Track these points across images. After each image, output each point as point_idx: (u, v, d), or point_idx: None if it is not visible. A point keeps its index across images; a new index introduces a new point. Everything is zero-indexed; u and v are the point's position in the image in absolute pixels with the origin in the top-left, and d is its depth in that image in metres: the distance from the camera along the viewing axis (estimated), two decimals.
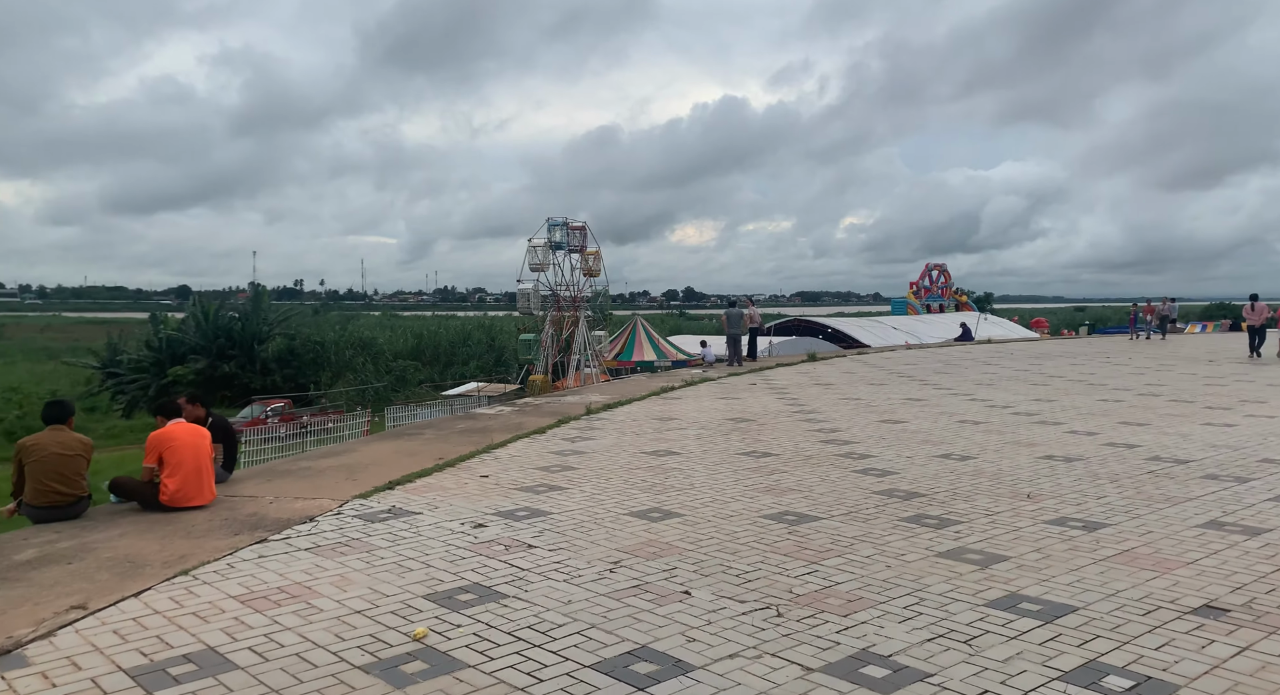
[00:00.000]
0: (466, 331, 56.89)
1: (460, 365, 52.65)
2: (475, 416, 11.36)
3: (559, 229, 41.69)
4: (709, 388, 15.26)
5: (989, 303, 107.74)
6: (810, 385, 15.62)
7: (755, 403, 12.95)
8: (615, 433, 10.01)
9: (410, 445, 9.15)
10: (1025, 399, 13.12)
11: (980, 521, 5.87)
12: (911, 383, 15.91)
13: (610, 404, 12.57)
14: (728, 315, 20.59)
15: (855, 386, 15.30)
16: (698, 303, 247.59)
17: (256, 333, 48.26)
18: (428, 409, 33.57)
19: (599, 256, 43.06)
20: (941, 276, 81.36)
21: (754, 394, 14.17)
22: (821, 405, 12.53)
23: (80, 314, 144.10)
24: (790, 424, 10.63)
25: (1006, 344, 31.43)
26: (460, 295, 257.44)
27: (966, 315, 69.68)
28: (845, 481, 7.21)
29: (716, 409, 12.20)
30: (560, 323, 43.00)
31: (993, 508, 6.26)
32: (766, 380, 16.70)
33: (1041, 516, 5.96)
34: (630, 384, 16.39)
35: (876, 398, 13.49)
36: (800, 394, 14.13)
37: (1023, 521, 5.86)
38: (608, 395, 14.13)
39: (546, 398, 13.69)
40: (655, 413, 11.85)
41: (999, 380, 16.23)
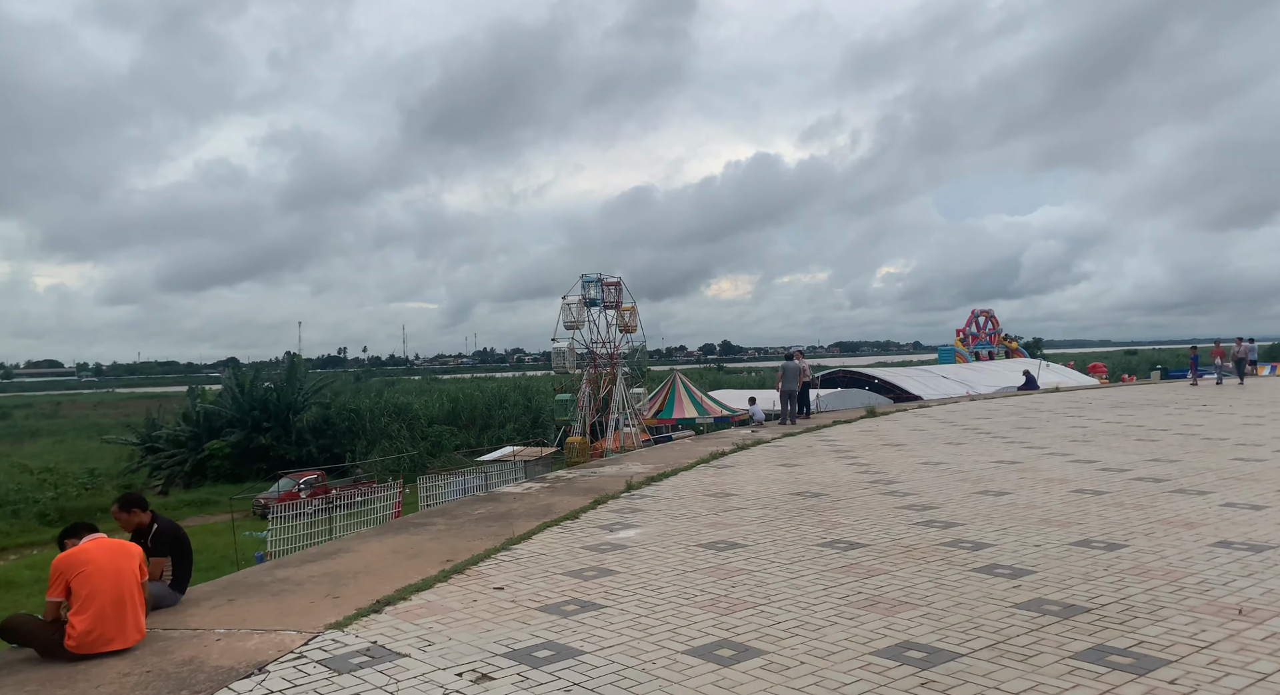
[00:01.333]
0: (502, 393, 55.80)
1: (497, 428, 51.39)
2: (498, 497, 9.80)
3: (593, 285, 40.66)
4: (765, 452, 13.55)
5: (1039, 348, 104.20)
6: (879, 446, 13.83)
7: (822, 470, 11.21)
8: (662, 516, 8.36)
9: (416, 541, 7.61)
10: (1139, 459, 11.19)
11: (1198, 662, 4.10)
12: (993, 440, 14.02)
13: (654, 476, 10.94)
14: (784, 370, 18.94)
15: (931, 447, 13.47)
16: (735, 356, 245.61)
17: (291, 403, 47.65)
18: (460, 478, 32.15)
19: (635, 312, 41.85)
20: (989, 323, 78.78)
21: (818, 459, 12.43)
22: (900, 472, 10.75)
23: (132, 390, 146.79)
24: (870, 498, 8.89)
25: (1076, 392, 29.14)
26: (499, 357, 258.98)
27: (1026, 362, 66.91)
28: (970, 587, 5.47)
29: (778, 479, 10.50)
30: (597, 381, 41.60)
31: (1198, 632, 4.48)
32: (827, 441, 14.94)
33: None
34: (675, 449, 14.75)
35: (961, 460, 11.66)
36: (871, 458, 12.35)
37: (1259, 658, 4.08)
38: (651, 464, 12.51)
39: (581, 470, 12.11)
40: (707, 486, 10.18)
41: (1094, 435, 14.25)
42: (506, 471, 34.86)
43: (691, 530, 7.61)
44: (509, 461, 35.33)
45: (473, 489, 32.60)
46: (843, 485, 9.87)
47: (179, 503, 39.72)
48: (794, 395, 18.94)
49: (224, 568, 28.55)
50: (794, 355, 19.90)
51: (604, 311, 40.93)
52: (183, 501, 39.92)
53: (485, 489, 33.23)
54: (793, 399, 18.95)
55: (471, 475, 33.01)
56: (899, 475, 10.47)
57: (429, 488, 31.34)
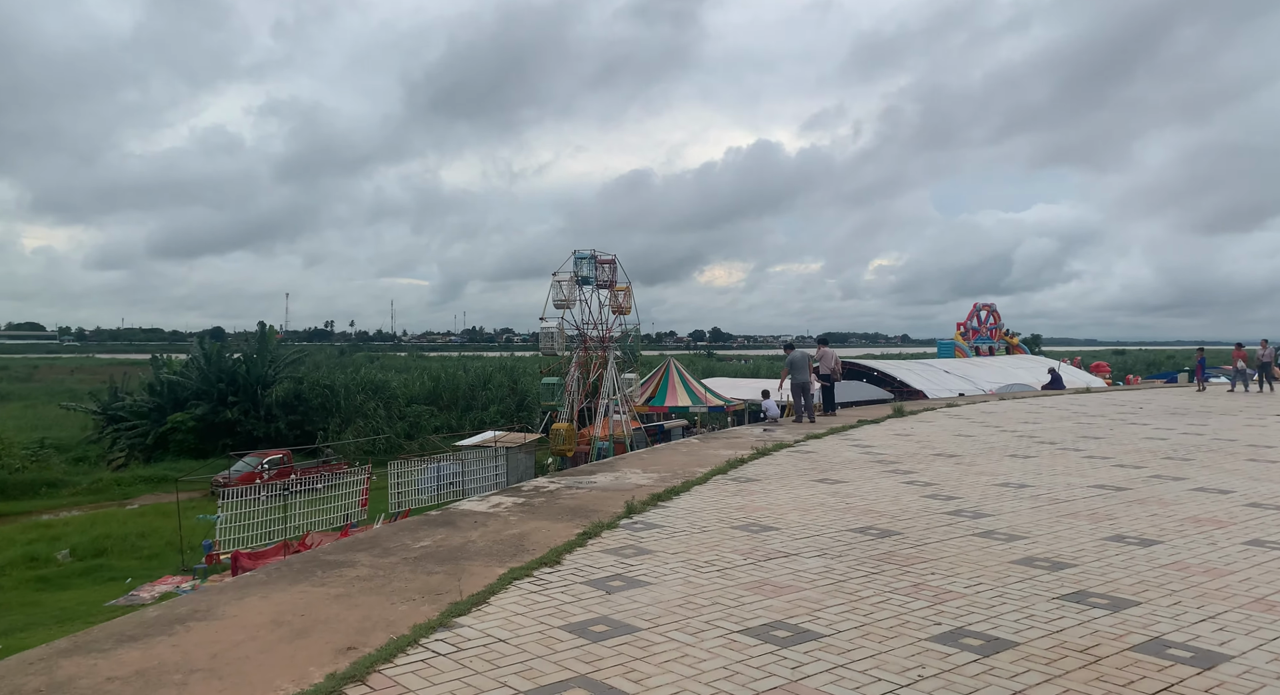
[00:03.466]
0: (487, 374, 53.15)
1: (480, 410, 48.83)
2: (454, 521, 7.28)
3: (586, 262, 37.97)
4: (792, 460, 11.06)
5: (1038, 344, 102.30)
6: (929, 456, 11.38)
7: (874, 491, 8.75)
8: (680, 564, 5.87)
9: (315, 600, 5.08)
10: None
11: None
12: (1066, 454, 11.60)
13: (661, 492, 8.44)
14: (791, 362, 16.53)
15: (995, 460, 11.03)
16: (725, 343, 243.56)
17: (261, 376, 44.89)
18: (434, 464, 29.61)
19: (629, 292, 39.21)
20: (990, 317, 76.75)
21: (862, 473, 9.96)
22: (979, 498, 8.29)
23: (113, 356, 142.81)
24: (964, 543, 6.43)
25: (1110, 394, 26.83)
26: (488, 336, 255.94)
27: (1027, 359, 64.73)
28: None
29: (825, 504, 8.03)
30: (587, 364, 39.04)
31: None
32: (862, 447, 12.48)
33: None
34: (680, 452, 12.24)
35: (1045, 481, 9.23)
36: (928, 473, 9.90)
37: None
38: (654, 472, 10.02)
39: (566, 479, 9.58)
40: (733, 510, 7.70)
41: (1186, 451, 11.84)
42: (486, 459, 32.36)
43: (728, 596, 5.12)
44: (489, 447, 32.84)
45: (447, 477, 30.12)
46: (913, 517, 7.40)
47: (135, 478, 37.03)
48: (806, 389, 16.56)
49: (168, 556, 25.98)
50: (810, 343, 17.51)
51: (596, 291, 38.33)
52: (139, 477, 37.24)
53: (460, 480, 30.83)
54: (805, 393, 16.57)
55: (447, 462, 30.50)
56: (981, 503, 8.01)
57: (400, 474, 28.82)
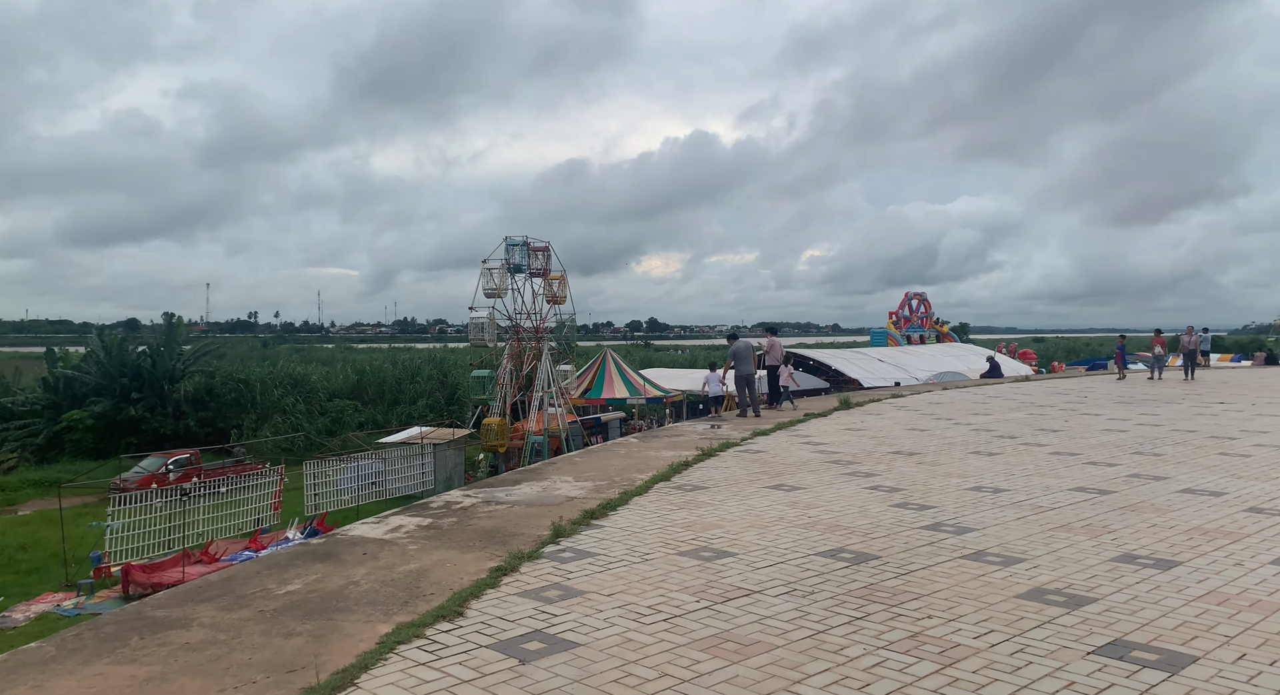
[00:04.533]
0: (416, 366, 50.95)
1: (407, 405, 46.72)
2: (336, 554, 5.91)
3: (518, 250, 36.34)
4: (742, 462, 9.97)
5: (965, 332, 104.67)
6: (884, 453, 10.45)
7: (837, 498, 7.71)
8: (618, 612, 4.67)
9: (122, 687, 3.70)
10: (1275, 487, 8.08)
11: None
12: (1029, 450, 10.82)
13: (594, 508, 7.22)
14: (735, 353, 15.52)
15: (955, 457, 10.15)
16: (661, 333, 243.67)
17: (169, 370, 41.90)
18: (354, 463, 27.76)
19: (565, 281, 37.74)
20: (921, 306, 77.73)
21: (819, 477, 8.93)
22: (953, 506, 7.33)
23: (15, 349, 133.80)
24: (955, 570, 5.40)
25: (1048, 382, 26.70)
26: (420, 327, 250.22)
27: (958, 347, 65.72)
28: None
29: (781, 516, 6.94)
30: (520, 356, 37.49)
31: None
32: (814, 444, 11.49)
33: None
34: (618, 454, 11.03)
35: (1020, 484, 8.35)
36: (889, 474, 8.93)
37: None
38: (588, 480, 8.80)
39: (483, 492, 8.26)
40: (680, 530, 6.54)
41: (1153, 444, 11.19)
42: (411, 457, 30.59)
43: (680, 663, 3.93)
44: (415, 444, 31.07)
45: (368, 477, 28.29)
46: (888, 533, 6.36)
47: (22, 482, 33.93)
48: (751, 381, 15.56)
49: (52, 570, 23.50)
50: (748, 334, 16.50)
51: (529, 280, 36.80)
52: (28, 481, 34.14)
53: (383, 480, 29.02)
54: (750, 386, 15.57)
55: (368, 461, 28.64)
56: (959, 514, 7.03)
57: (316, 475, 26.88)
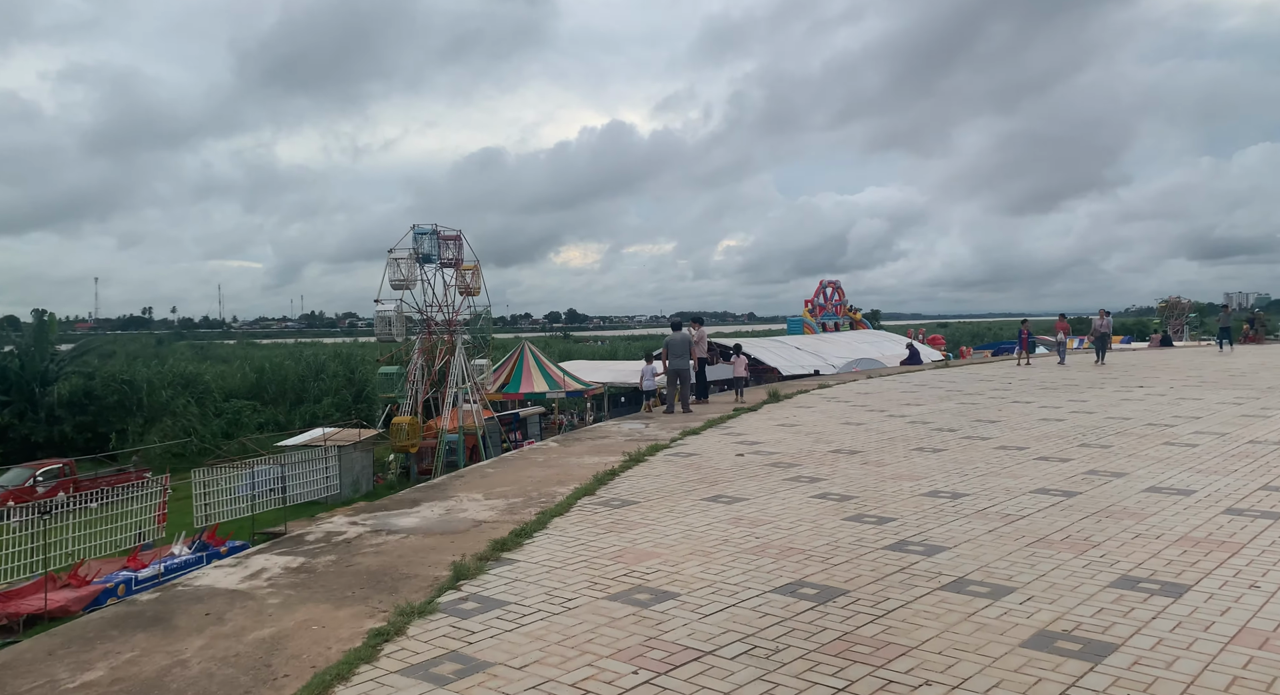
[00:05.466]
0: (320, 362, 48.28)
1: (312, 403, 44.17)
2: (170, 616, 4.61)
3: (428, 238, 34.47)
4: (672, 467, 8.98)
5: (878, 320, 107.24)
6: (824, 452, 9.66)
7: (783, 510, 6.80)
8: (538, 693, 3.59)
9: None
10: (1247, 484, 7.59)
11: None
12: (974, 445, 10.21)
13: (506, 536, 6.09)
14: (669, 343, 14.59)
15: (899, 455, 9.43)
16: (581, 324, 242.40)
17: (40, 372, 38.26)
18: (249, 469, 25.64)
19: (478, 271, 36.01)
20: (836, 294, 78.96)
21: (761, 482, 8.02)
22: (915, 517, 6.52)
23: None
24: (937, 605, 4.52)
25: (966, 368, 26.80)
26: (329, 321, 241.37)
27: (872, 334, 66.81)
28: None
29: (725, 538, 5.97)
30: (432, 350, 35.68)
31: None
32: (746, 441, 10.61)
33: None
34: (537, 462, 9.89)
35: (978, 486, 7.64)
36: (835, 478, 8.10)
37: None
38: (502, 493, 7.65)
39: (373, 518, 7.01)
40: (609, 563, 5.49)
41: (1098, 435, 10.76)
42: (314, 460, 28.56)
43: None
44: (319, 447, 29.03)
45: (266, 484, 26.20)
46: (851, 557, 5.47)
47: None
48: (686, 375, 14.65)
49: None
50: (684, 324, 15.53)
51: (440, 270, 34.99)
52: None
53: (282, 487, 26.95)
54: (684, 379, 14.66)
55: (265, 466, 26.51)
56: (923, 527, 6.21)
57: (207, 483, 24.66)
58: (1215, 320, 33.24)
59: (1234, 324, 31.20)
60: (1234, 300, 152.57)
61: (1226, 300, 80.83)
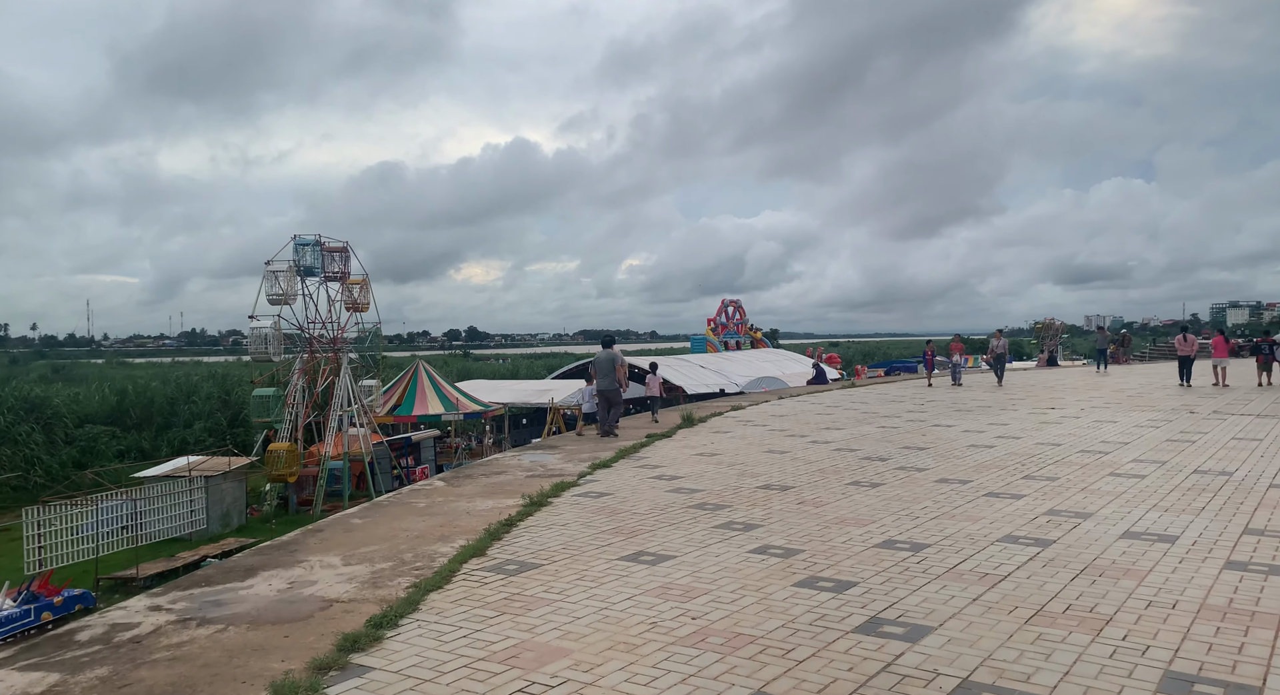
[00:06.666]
0: (192, 384, 44.35)
1: (181, 429, 40.37)
2: None
3: (310, 250, 31.89)
4: (581, 512, 7.58)
5: (776, 339, 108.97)
6: (752, 488, 8.49)
7: (719, 572, 5.53)
8: None
9: None
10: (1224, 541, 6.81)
11: None
12: (914, 478, 9.27)
13: (362, 630, 4.57)
14: (597, 362, 13.43)
15: (835, 491, 8.36)
16: (481, 342, 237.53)
17: None
18: (92, 506, 22.56)
19: (367, 285, 33.58)
20: (737, 313, 79.54)
21: (688, 532, 6.73)
22: (880, 581, 5.37)
23: None
24: None
25: (872, 388, 26.51)
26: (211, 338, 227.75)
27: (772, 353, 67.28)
28: None
29: (654, 621, 4.64)
30: (314, 371, 32.98)
31: None
32: (665, 476, 9.33)
33: None
34: (416, 510, 8.29)
35: (930, 532, 6.60)
36: (772, 524, 6.91)
37: None
38: (367, 555, 6.08)
39: (189, 596, 5.34)
40: (500, 665, 4.06)
41: (1039, 464, 10.04)
42: (177, 493, 25.55)
43: None
44: (181, 477, 26.03)
45: (115, 521, 23.13)
46: (816, 647, 4.22)
47: None
48: (616, 398, 13.52)
49: None
50: (614, 340, 14.33)
51: (325, 284, 32.45)
52: None
53: (137, 524, 23.93)
54: (612, 400, 13.51)
55: (116, 501, 23.42)
56: (892, 595, 5.06)
57: (44, 523, 21.49)
58: (1094, 342, 34.86)
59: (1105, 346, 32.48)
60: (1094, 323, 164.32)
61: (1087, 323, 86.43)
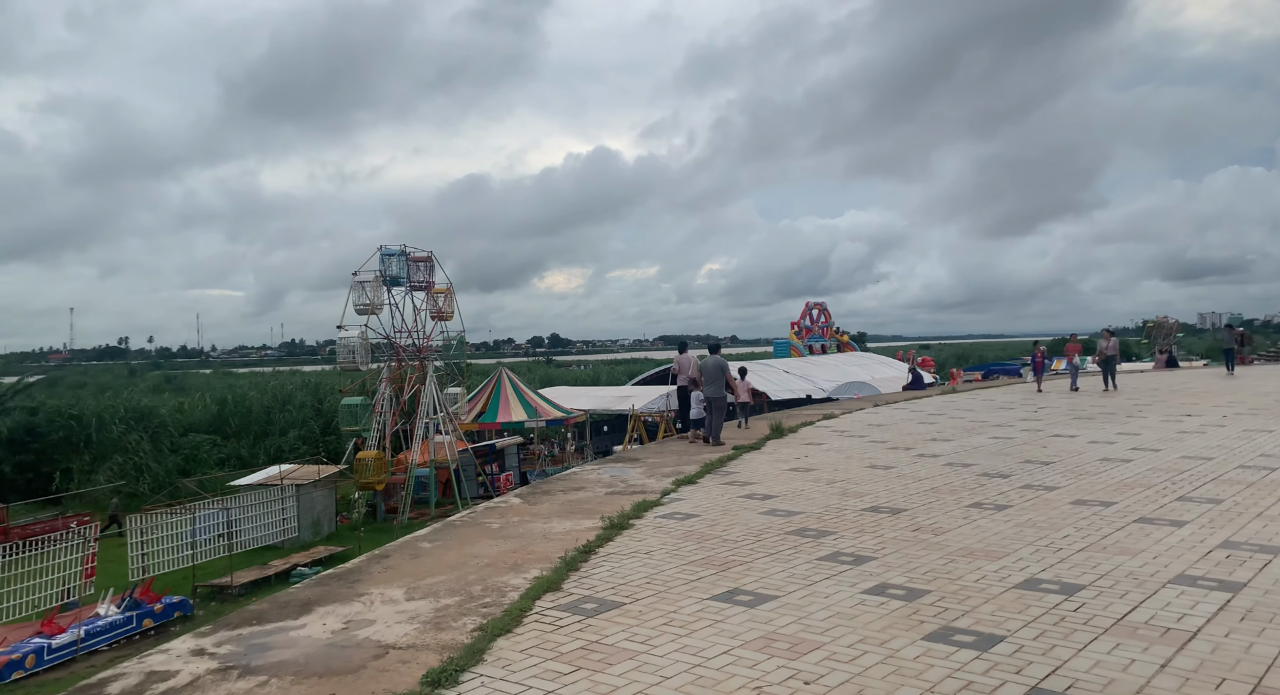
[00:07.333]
0: (287, 393, 45.74)
1: (277, 437, 41.59)
2: None
3: (396, 260, 32.30)
4: (667, 539, 6.83)
5: (864, 342, 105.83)
6: (858, 510, 7.55)
7: (833, 619, 4.68)
8: None
9: None
10: None
11: None
12: (1044, 499, 8.14)
13: (429, 680, 3.94)
14: (705, 369, 12.83)
15: (952, 513, 7.35)
16: (564, 349, 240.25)
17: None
18: (189, 515, 23.14)
19: (451, 294, 33.78)
20: (822, 315, 77.52)
21: (790, 567, 5.88)
22: (1036, 638, 4.41)
23: None
24: None
25: (977, 393, 24.88)
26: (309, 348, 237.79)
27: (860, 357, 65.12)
28: None
29: (759, 681, 3.84)
30: (401, 379, 33.37)
31: None
32: (756, 495, 8.48)
33: None
34: (490, 529, 7.71)
35: (1083, 568, 5.55)
36: (888, 556, 6.00)
37: None
38: (432, 588, 5.49)
39: (237, 638, 4.85)
40: None
41: (1195, 482, 8.72)
42: (269, 502, 26.07)
43: None
44: (273, 485, 26.57)
45: (212, 530, 23.71)
46: None
47: None
48: (721, 405, 12.91)
49: None
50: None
51: (410, 294, 32.80)
52: None
53: (233, 531, 24.48)
54: (721, 410, 12.85)
55: (211, 510, 24.00)
56: (1056, 656, 4.09)
57: (146, 530, 22.16)
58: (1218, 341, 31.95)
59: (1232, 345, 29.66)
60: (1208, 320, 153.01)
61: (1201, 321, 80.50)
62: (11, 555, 20.01)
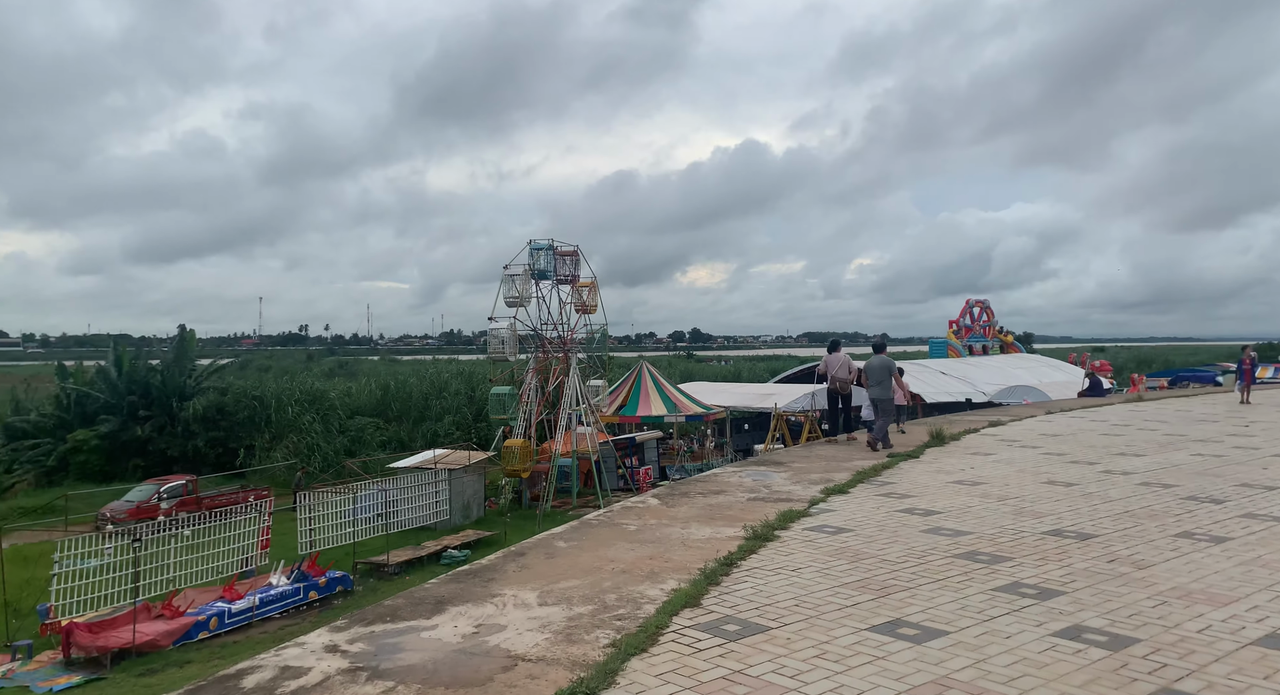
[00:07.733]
0: (443, 381, 47.98)
1: (433, 422, 43.69)
2: None
3: (544, 254, 32.95)
4: (816, 555, 6.25)
5: (1030, 342, 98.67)
6: (1040, 535, 6.64)
7: (1016, 666, 3.98)
8: None
9: None
10: None
11: None
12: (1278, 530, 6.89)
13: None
14: (869, 369, 12.24)
15: (1154, 543, 6.29)
16: (705, 344, 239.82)
17: (179, 387, 39.51)
18: (349, 495, 24.50)
19: (595, 288, 34.16)
20: (984, 314, 72.73)
21: (960, 597, 5.17)
22: None
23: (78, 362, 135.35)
24: None
25: (1166, 401, 22.31)
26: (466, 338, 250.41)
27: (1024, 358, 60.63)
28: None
29: None
30: (546, 370, 34.10)
31: None
32: (915, 509, 7.70)
33: None
34: (627, 532, 7.40)
35: None
36: (1080, 591, 5.14)
37: None
38: (565, 596, 5.21)
39: (373, 631, 4.74)
40: None
41: None
42: (423, 484, 27.28)
43: None
44: (427, 469, 27.80)
45: (371, 509, 25.06)
46: None
47: (15, 511, 31.53)
48: (889, 407, 12.27)
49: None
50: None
51: (556, 287, 33.41)
52: (20, 509, 31.76)
53: (390, 512, 25.78)
54: (884, 410, 12.20)
55: (370, 491, 25.36)
56: None
57: (313, 507, 23.69)
58: None
59: None
60: None
61: None
62: (200, 524, 21.92)
